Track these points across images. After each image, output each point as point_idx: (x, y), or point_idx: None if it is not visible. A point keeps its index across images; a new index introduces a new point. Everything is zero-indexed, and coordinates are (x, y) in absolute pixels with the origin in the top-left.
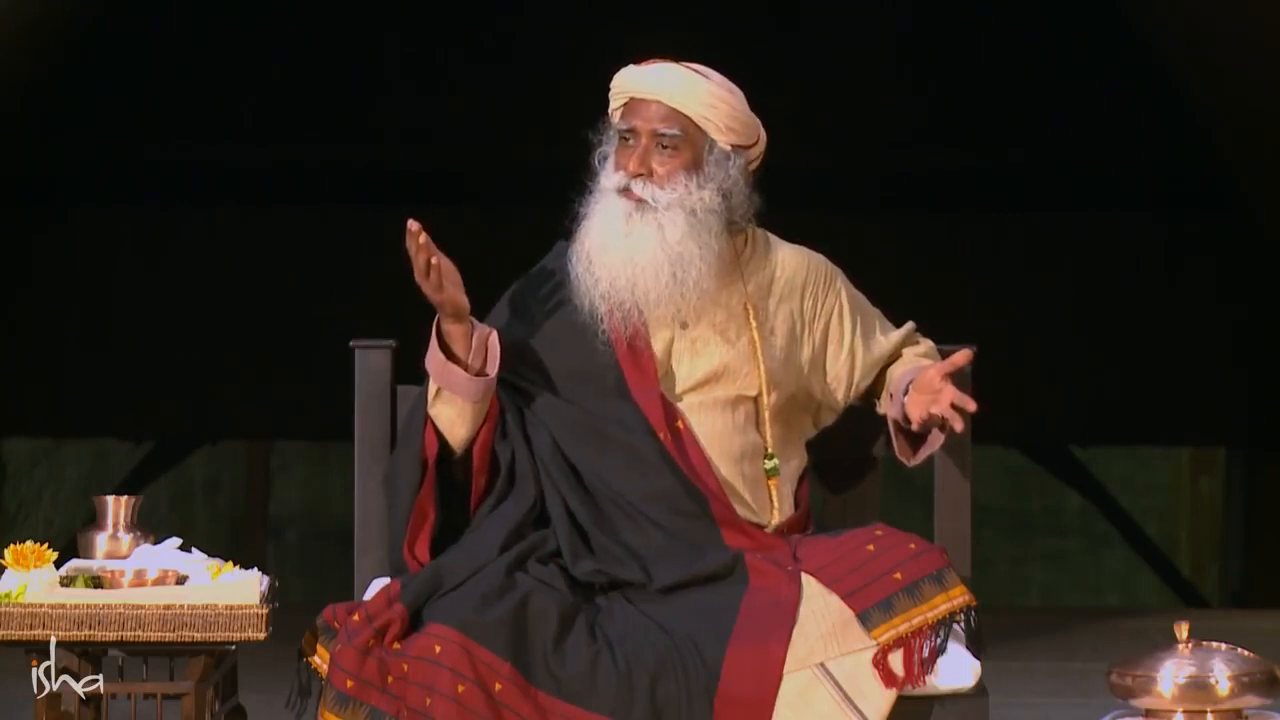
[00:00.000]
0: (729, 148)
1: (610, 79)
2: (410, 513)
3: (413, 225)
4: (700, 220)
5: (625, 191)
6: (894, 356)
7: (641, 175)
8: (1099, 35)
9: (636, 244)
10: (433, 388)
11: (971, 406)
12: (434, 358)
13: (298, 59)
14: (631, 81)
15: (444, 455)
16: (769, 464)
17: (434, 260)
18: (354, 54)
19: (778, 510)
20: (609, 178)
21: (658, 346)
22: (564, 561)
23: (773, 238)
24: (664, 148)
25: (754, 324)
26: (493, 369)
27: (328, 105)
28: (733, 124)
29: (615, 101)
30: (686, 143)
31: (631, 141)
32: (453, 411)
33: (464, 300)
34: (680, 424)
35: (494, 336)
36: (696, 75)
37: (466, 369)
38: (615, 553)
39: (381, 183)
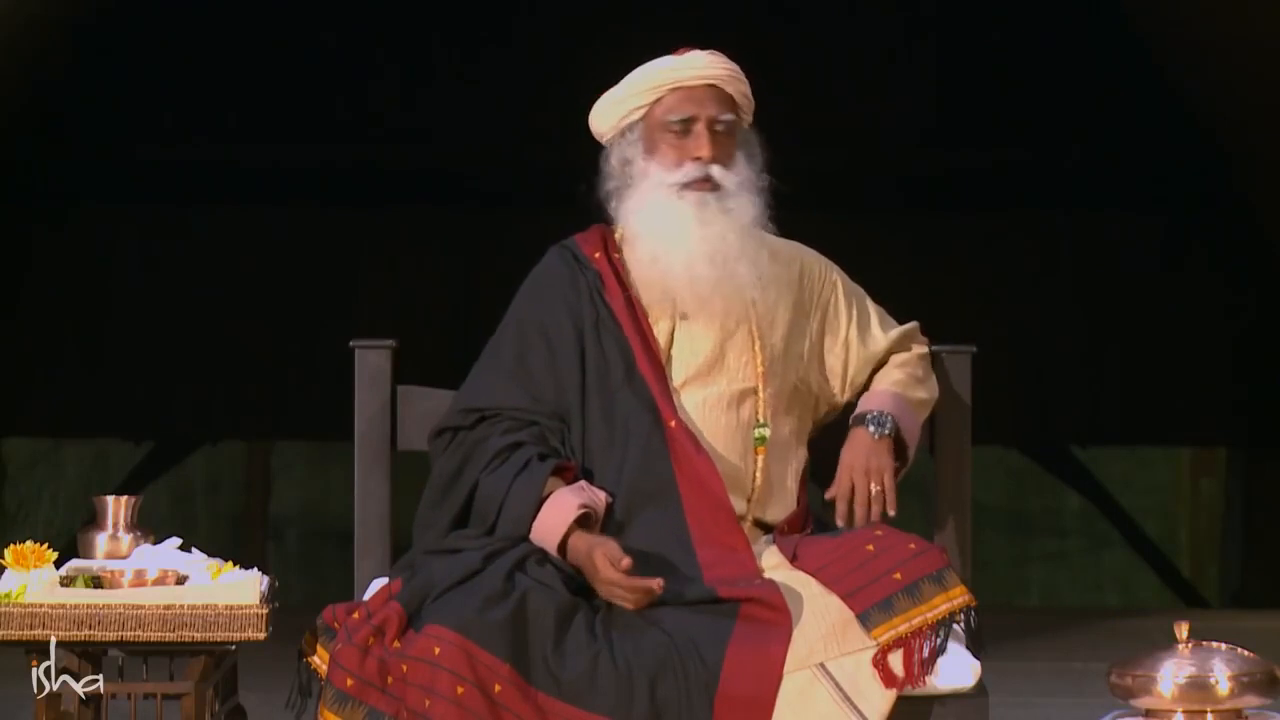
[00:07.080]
0: (748, 127)
1: (610, 78)
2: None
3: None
4: (761, 200)
5: (703, 182)
6: (888, 355)
7: (718, 161)
8: (1099, 35)
9: (713, 234)
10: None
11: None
12: (555, 537)
13: (298, 58)
14: (674, 72)
15: None
16: (758, 432)
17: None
18: (354, 53)
19: (761, 478)
20: (669, 173)
21: (659, 337)
22: (559, 561)
23: (765, 233)
24: (719, 132)
25: (753, 315)
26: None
27: (328, 105)
28: (749, 103)
29: (646, 97)
30: (736, 125)
31: (691, 129)
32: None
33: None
34: (675, 421)
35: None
36: (727, 58)
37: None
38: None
39: (382, 183)
